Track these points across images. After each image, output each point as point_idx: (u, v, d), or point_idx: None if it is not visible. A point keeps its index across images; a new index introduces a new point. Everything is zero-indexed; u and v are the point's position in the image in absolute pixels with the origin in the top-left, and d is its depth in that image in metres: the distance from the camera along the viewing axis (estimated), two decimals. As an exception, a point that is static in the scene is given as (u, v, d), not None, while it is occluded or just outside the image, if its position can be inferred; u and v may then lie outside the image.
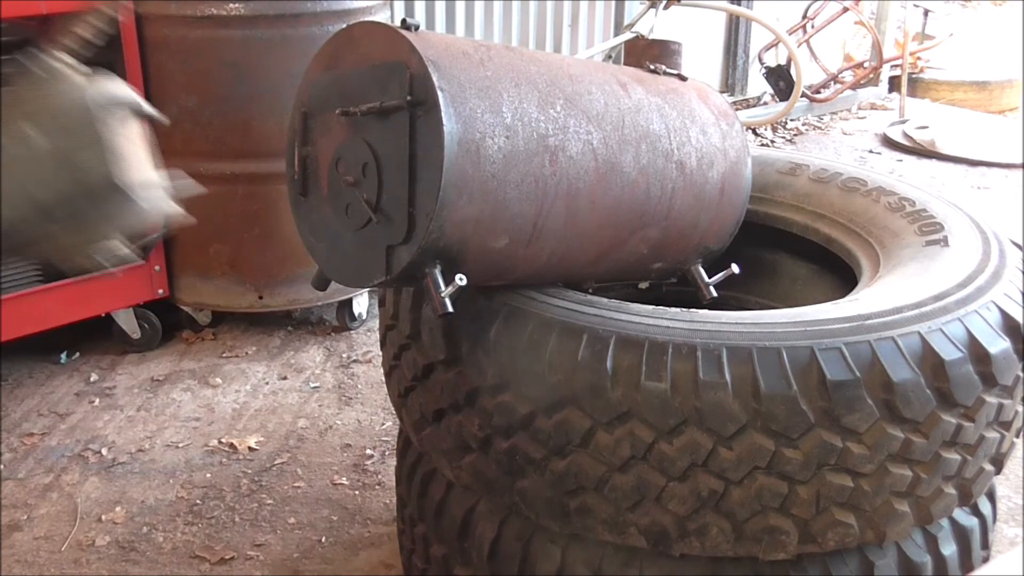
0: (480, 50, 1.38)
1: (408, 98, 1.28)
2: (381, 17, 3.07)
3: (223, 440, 2.62)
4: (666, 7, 3.05)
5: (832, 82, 6.16)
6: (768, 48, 5.84)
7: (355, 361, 3.07)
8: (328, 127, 1.43)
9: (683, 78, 1.75)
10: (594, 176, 1.46)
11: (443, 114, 1.25)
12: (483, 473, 1.48)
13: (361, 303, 3.28)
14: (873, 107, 6.28)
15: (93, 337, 3.07)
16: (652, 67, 1.73)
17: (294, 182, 1.50)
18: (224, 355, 3.09)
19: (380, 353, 2.22)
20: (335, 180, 1.42)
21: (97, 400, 2.82)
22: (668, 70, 1.74)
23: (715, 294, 1.76)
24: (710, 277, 1.77)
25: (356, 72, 1.38)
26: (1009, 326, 1.42)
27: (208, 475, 2.48)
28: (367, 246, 1.38)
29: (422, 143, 1.28)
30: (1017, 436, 1.53)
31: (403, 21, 1.33)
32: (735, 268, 1.76)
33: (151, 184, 1.28)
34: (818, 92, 6.00)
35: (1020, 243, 1.70)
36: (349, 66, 1.40)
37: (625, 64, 1.73)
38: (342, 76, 1.40)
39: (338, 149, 1.40)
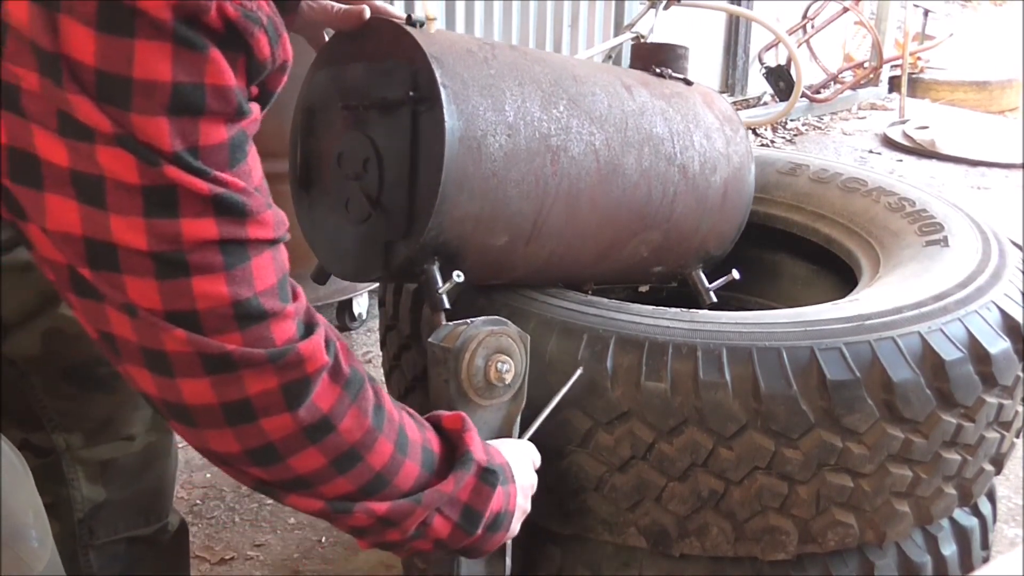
0: (484, 48, 1.38)
1: (411, 94, 1.27)
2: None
3: (223, 439, 2.62)
4: (666, 7, 3.04)
5: (832, 82, 6.15)
6: (768, 48, 5.84)
7: (355, 360, 3.06)
8: (331, 122, 1.43)
9: (688, 82, 1.74)
10: (596, 177, 1.46)
11: (445, 111, 1.25)
12: (483, 472, 1.48)
13: (361, 303, 3.27)
14: (873, 107, 6.28)
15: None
16: (658, 70, 1.72)
17: (296, 176, 1.50)
18: (224, 354, 3.08)
19: (380, 353, 2.22)
20: (337, 175, 1.41)
21: (96, 398, 2.82)
22: (673, 74, 1.73)
23: (715, 299, 1.75)
24: (710, 282, 1.76)
25: (359, 67, 1.37)
26: (1009, 326, 1.42)
27: (208, 475, 2.47)
28: (367, 241, 1.37)
29: (424, 139, 1.28)
30: (1017, 436, 1.53)
31: (408, 17, 1.33)
32: (735, 274, 1.75)
33: None
34: (818, 92, 6.00)
35: (1020, 243, 1.70)
36: (352, 61, 1.39)
37: (631, 67, 1.72)
38: (345, 71, 1.40)
39: (340, 144, 1.40)
